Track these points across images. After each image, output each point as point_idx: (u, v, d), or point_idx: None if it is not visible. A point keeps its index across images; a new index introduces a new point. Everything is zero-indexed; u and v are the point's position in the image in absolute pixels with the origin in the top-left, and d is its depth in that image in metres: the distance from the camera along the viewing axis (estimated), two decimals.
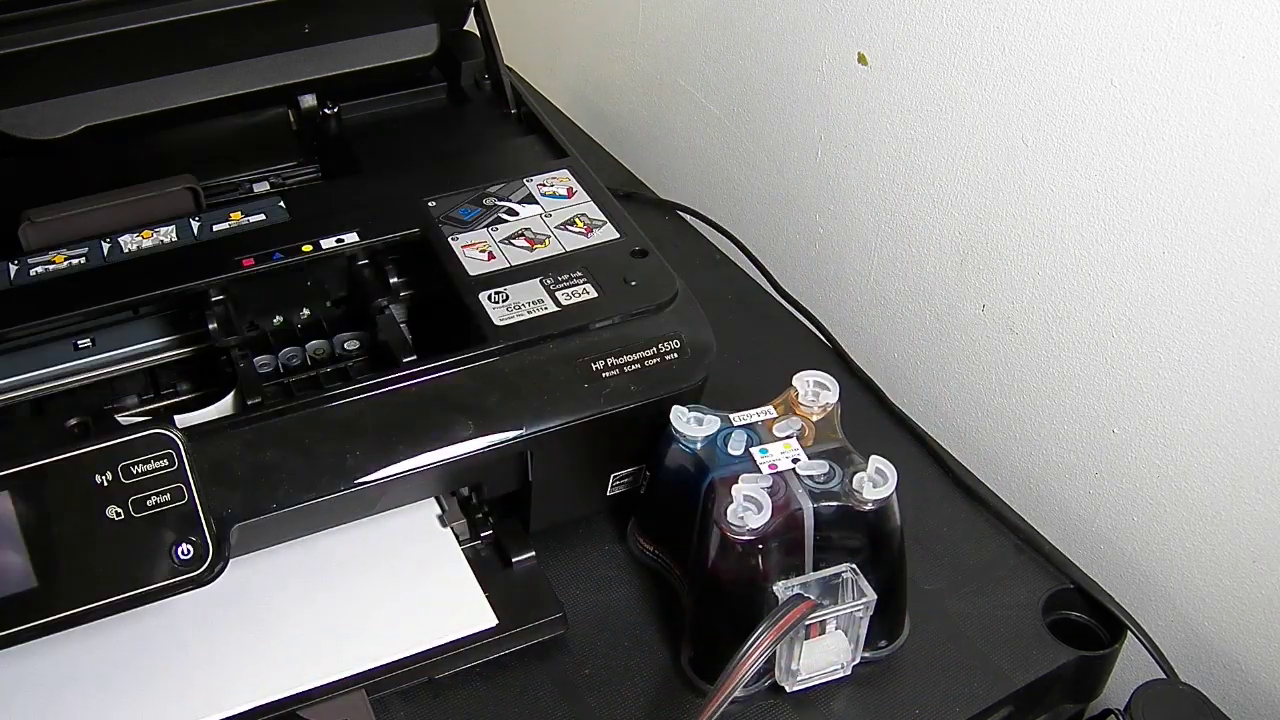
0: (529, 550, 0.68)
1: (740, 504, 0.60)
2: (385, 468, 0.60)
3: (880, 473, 0.61)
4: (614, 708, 0.63)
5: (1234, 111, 0.64)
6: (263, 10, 0.73)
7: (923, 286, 0.88)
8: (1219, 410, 0.71)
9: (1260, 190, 0.64)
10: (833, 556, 0.62)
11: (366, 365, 0.68)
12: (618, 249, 0.71)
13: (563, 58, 1.21)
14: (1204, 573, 0.76)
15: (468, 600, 0.65)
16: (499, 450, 0.62)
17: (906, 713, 0.64)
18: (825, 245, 0.96)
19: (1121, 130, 0.70)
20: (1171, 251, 0.70)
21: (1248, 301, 0.67)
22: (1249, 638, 0.74)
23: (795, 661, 0.62)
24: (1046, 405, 0.82)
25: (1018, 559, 0.72)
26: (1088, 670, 0.68)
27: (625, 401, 0.64)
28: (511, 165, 0.78)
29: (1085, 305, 0.77)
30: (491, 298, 0.67)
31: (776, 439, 0.64)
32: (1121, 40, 0.68)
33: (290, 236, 0.69)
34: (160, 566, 0.55)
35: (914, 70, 0.82)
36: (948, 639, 0.67)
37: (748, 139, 1.00)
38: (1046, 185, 0.76)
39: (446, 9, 0.83)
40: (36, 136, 0.73)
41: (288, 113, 0.82)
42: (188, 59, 0.76)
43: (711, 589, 0.62)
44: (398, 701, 0.62)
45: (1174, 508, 0.76)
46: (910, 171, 0.86)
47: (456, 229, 0.71)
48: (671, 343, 0.66)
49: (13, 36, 0.67)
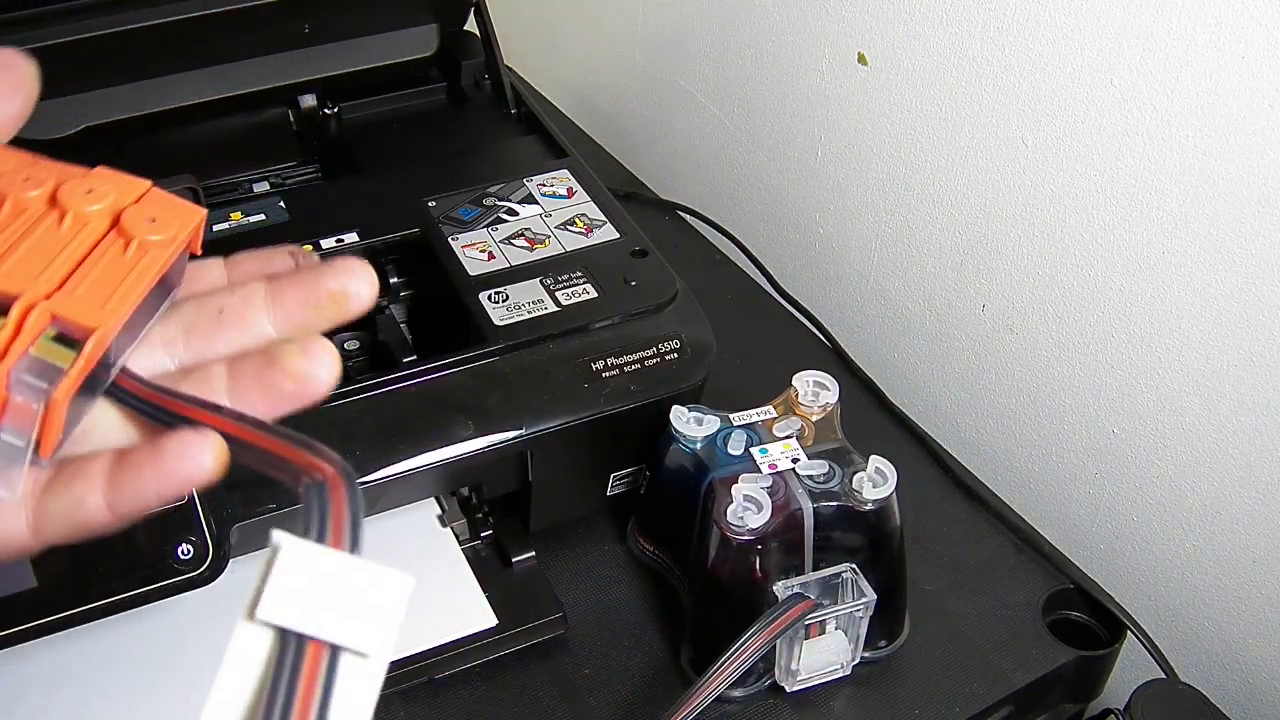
0: (529, 550, 0.68)
1: (740, 504, 0.60)
2: (385, 468, 0.60)
3: (880, 473, 0.61)
4: (614, 708, 0.63)
5: (1234, 111, 0.64)
6: (263, 10, 0.73)
7: (923, 286, 0.88)
8: (1219, 410, 0.71)
9: (1260, 190, 0.64)
10: (832, 556, 0.62)
11: (366, 365, 0.68)
12: (618, 249, 0.71)
13: (563, 58, 1.21)
14: (1204, 573, 0.76)
15: (468, 600, 0.65)
16: (499, 450, 0.62)
17: (906, 713, 0.64)
18: (825, 245, 0.96)
19: (1121, 130, 0.70)
20: (1171, 251, 0.70)
21: (1248, 301, 0.67)
22: (1248, 637, 0.74)
23: (795, 661, 0.62)
24: (1046, 405, 0.82)
25: (1018, 559, 0.72)
26: (1088, 670, 0.68)
27: (625, 401, 0.64)
28: (511, 165, 0.78)
29: (1085, 305, 0.77)
30: (491, 298, 0.67)
31: (776, 439, 0.64)
32: (1121, 40, 0.68)
33: (290, 236, 0.69)
34: (160, 566, 0.55)
35: (914, 70, 0.82)
36: (948, 639, 0.67)
37: (748, 139, 1.00)
38: (1046, 185, 0.76)
39: (446, 9, 0.83)
40: (36, 136, 0.72)
41: (288, 113, 0.82)
42: (188, 59, 0.76)
43: (711, 589, 0.62)
44: (398, 701, 0.62)
45: (1174, 508, 0.76)
46: (910, 171, 0.86)
47: (456, 229, 0.71)
48: (671, 343, 0.66)
49: (13, 36, 0.67)
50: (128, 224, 0.34)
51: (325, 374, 0.34)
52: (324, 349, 0.34)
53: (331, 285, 0.36)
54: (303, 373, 0.34)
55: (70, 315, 0.31)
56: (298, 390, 0.34)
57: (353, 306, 0.36)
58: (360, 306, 0.36)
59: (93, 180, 0.34)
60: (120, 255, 0.33)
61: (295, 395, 0.34)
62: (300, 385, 0.34)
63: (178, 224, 0.34)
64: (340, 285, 0.36)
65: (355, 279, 0.36)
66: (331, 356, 0.35)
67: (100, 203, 0.34)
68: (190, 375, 0.35)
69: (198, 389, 0.34)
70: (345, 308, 0.36)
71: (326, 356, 0.34)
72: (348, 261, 0.36)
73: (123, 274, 0.33)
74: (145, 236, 0.33)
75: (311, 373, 0.34)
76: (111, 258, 0.33)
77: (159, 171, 0.80)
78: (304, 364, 0.34)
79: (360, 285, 0.36)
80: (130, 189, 0.35)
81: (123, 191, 0.34)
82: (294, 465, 0.32)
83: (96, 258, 0.33)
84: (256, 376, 0.34)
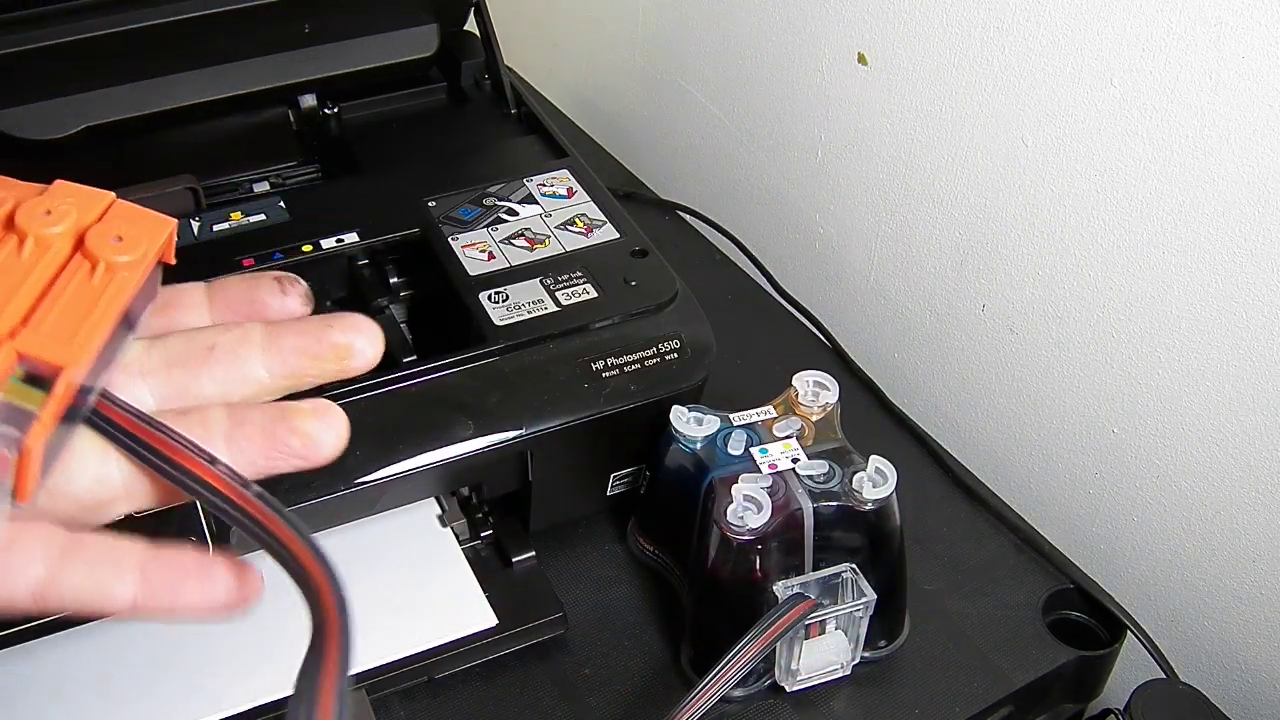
0: (529, 550, 0.68)
1: (740, 504, 0.60)
2: (385, 468, 0.60)
3: (880, 473, 0.61)
4: (614, 708, 0.63)
5: (1234, 111, 0.64)
6: (263, 10, 0.73)
7: (923, 286, 0.88)
8: (1219, 410, 0.71)
9: (1260, 190, 0.64)
10: (833, 556, 0.62)
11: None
12: (618, 249, 0.71)
13: (563, 58, 1.21)
14: (1204, 573, 0.76)
15: (468, 600, 0.65)
16: (499, 450, 0.62)
17: (906, 713, 0.64)
18: (825, 245, 0.96)
19: (1121, 130, 0.70)
20: (1171, 251, 0.70)
21: (1248, 301, 0.67)
22: (1248, 637, 0.74)
23: (795, 661, 0.62)
24: (1046, 405, 0.82)
25: (1018, 559, 0.72)
26: (1088, 670, 0.68)
27: (625, 401, 0.64)
28: (511, 165, 0.78)
29: (1085, 305, 0.77)
30: (491, 298, 0.67)
31: (776, 439, 0.64)
32: (1121, 40, 0.68)
33: (290, 236, 0.69)
34: None
35: (914, 70, 0.82)
36: (948, 639, 0.67)
37: (748, 139, 1.00)
38: (1046, 185, 0.76)
39: (446, 9, 0.83)
40: (36, 136, 0.73)
41: (288, 113, 0.82)
42: (188, 59, 0.76)
43: (711, 589, 0.62)
44: (398, 701, 0.62)
45: (1174, 508, 0.76)
46: (910, 171, 0.86)
47: (456, 229, 0.71)
48: (671, 343, 0.66)
49: (13, 36, 0.67)
50: (93, 246, 0.32)
51: (333, 440, 0.34)
52: (338, 416, 0.34)
53: (338, 339, 0.35)
54: (313, 436, 0.33)
55: (38, 353, 0.29)
56: (303, 451, 0.34)
57: (354, 363, 0.35)
58: (362, 364, 0.35)
59: (51, 198, 0.32)
60: (87, 281, 0.31)
61: (299, 456, 0.34)
62: (307, 448, 0.33)
63: (146, 240, 0.33)
64: (346, 339, 0.35)
65: (361, 335, 0.35)
66: (343, 423, 0.34)
67: (61, 223, 0.31)
68: (188, 416, 0.33)
69: (193, 431, 0.33)
70: (347, 363, 0.35)
71: (339, 423, 0.34)
72: (355, 317, 0.35)
73: (91, 301, 0.31)
74: (113, 258, 0.32)
75: (320, 437, 0.33)
76: (78, 285, 0.31)
77: (159, 172, 0.80)
78: (316, 427, 0.33)
79: (365, 342, 0.35)
80: (92, 204, 0.33)
81: (85, 208, 0.32)
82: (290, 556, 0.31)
83: (62, 286, 0.31)
84: (264, 429, 0.33)
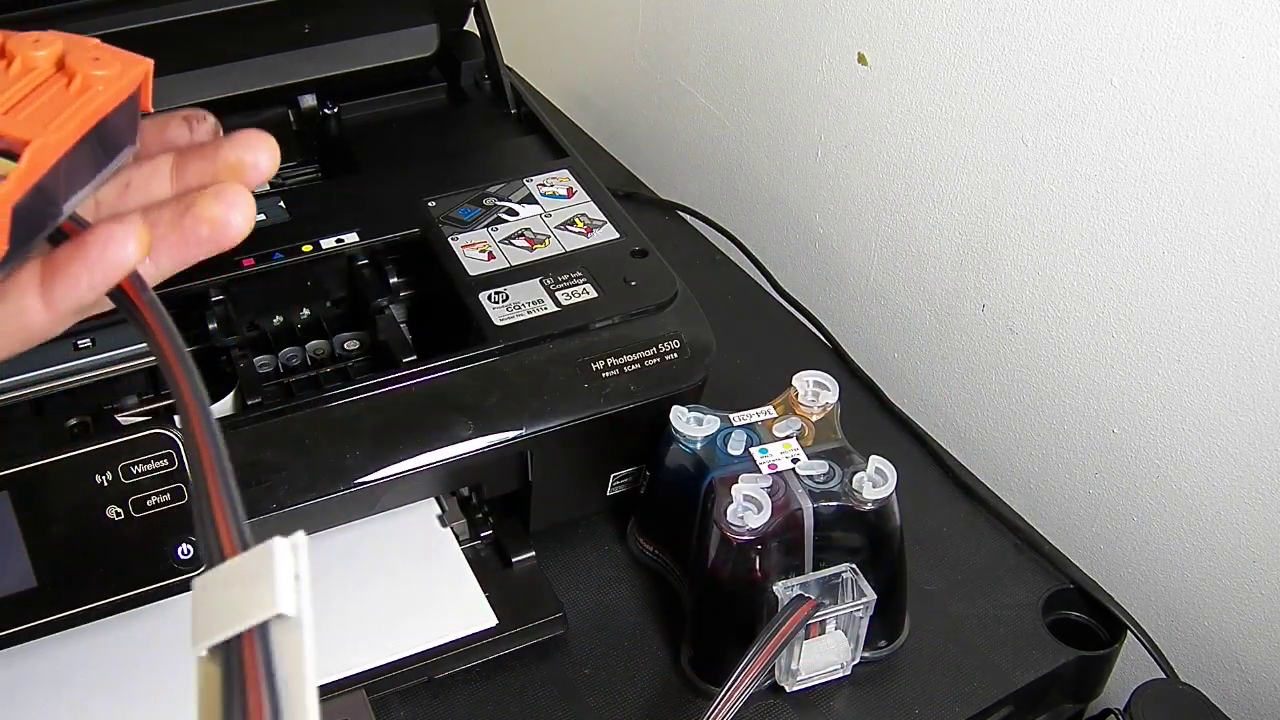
0: (529, 550, 0.68)
1: (740, 504, 0.60)
2: (385, 468, 0.60)
3: (880, 473, 0.61)
4: (614, 708, 0.63)
5: (1234, 111, 0.64)
6: (263, 10, 0.73)
7: (923, 286, 0.88)
8: (1219, 410, 0.71)
9: (1260, 190, 0.64)
10: (833, 556, 0.62)
11: (366, 365, 0.68)
12: (618, 249, 0.71)
13: (563, 58, 1.21)
14: (1204, 573, 0.76)
15: (468, 600, 0.65)
16: (499, 450, 0.62)
17: (906, 713, 0.64)
18: (825, 245, 0.96)
19: (1121, 130, 0.70)
20: (1171, 251, 0.70)
21: (1248, 301, 0.67)
22: (1248, 637, 0.74)
23: (795, 661, 0.62)
24: (1046, 405, 0.82)
25: (1018, 559, 0.72)
26: (1088, 670, 0.68)
27: (625, 401, 0.64)
28: (511, 165, 0.78)
29: (1085, 305, 0.77)
30: (491, 298, 0.67)
31: (776, 439, 0.64)
32: (1121, 40, 0.68)
33: (290, 236, 0.69)
34: (160, 566, 0.55)
35: (914, 70, 0.82)
36: (948, 639, 0.67)
37: (748, 139, 1.00)
38: (1046, 185, 0.76)
39: (446, 9, 0.83)
40: None
41: (288, 113, 0.82)
42: (188, 59, 0.76)
43: (711, 589, 0.62)
44: (398, 701, 0.62)
45: (1174, 508, 0.76)
46: (910, 171, 0.86)
47: (456, 229, 0.71)
48: (671, 343, 0.66)
49: None
50: (72, 62, 0.35)
51: (240, 219, 0.35)
52: (239, 195, 0.35)
53: (229, 156, 0.37)
54: (218, 218, 0.35)
55: (11, 132, 0.33)
56: (213, 236, 0.35)
57: (250, 177, 0.37)
58: (258, 178, 0.37)
59: (41, 35, 0.36)
60: (64, 89, 0.35)
61: (210, 241, 0.35)
62: (215, 231, 0.35)
63: (122, 66, 0.36)
64: (237, 156, 0.37)
65: (254, 150, 0.37)
66: (247, 203, 0.35)
67: (47, 49, 0.35)
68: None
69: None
70: (244, 177, 0.37)
71: (241, 202, 0.35)
72: (248, 134, 0.37)
73: (67, 103, 0.34)
74: (89, 72, 0.35)
75: (226, 218, 0.35)
76: (56, 91, 0.35)
77: None
78: (219, 209, 0.35)
79: (259, 156, 0.37)
80: (79, 43, 0.36)
81: (71, 44, 0.36)
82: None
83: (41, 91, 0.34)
84: (172, 223, 0.35)
